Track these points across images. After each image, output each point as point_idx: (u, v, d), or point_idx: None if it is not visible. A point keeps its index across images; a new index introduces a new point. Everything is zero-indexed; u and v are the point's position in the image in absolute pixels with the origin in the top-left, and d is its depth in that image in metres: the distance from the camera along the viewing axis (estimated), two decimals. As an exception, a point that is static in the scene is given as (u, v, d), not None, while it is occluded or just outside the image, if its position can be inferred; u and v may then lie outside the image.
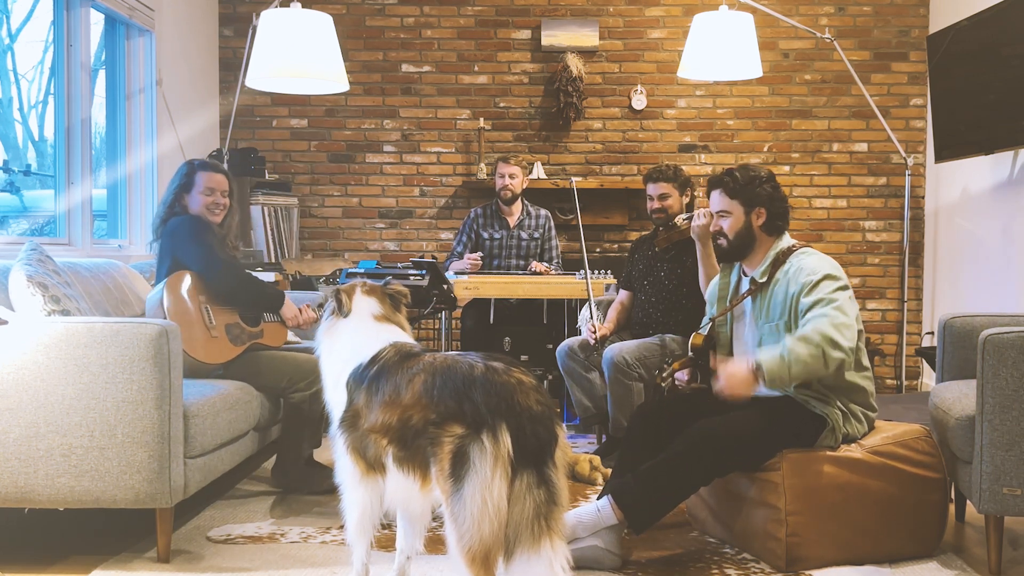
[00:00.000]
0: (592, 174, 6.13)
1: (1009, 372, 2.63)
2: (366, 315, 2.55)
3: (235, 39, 6.07)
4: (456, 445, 2.11)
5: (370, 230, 6.19)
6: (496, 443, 2.08)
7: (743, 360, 2.74)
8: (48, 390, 2.69)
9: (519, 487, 2.09)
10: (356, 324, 2.53)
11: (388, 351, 2.41)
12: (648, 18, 6.11)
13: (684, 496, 2.78)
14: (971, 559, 2.86)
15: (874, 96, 5.59)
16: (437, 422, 2.16)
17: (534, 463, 2.11)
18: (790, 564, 2.73)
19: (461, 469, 2.09)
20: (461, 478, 2.08)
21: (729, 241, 2.96)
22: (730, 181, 2.94)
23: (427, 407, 2.20)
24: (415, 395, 2.23)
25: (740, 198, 2.92)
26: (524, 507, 2.08)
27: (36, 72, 4.90)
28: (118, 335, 2.70)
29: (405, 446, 2.24)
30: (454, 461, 2.11)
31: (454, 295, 4.43)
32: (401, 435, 2.24)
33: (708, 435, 2.71)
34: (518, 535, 2.08)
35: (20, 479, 2.70)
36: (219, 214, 3.57)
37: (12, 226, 4.58)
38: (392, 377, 2.32)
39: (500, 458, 2.07)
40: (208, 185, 3.53)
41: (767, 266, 2.92)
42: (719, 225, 2.97)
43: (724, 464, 2.75)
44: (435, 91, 6.17)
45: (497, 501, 2.05)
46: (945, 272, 5.75)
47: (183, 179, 3.54)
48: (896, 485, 2.80)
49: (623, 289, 4.39)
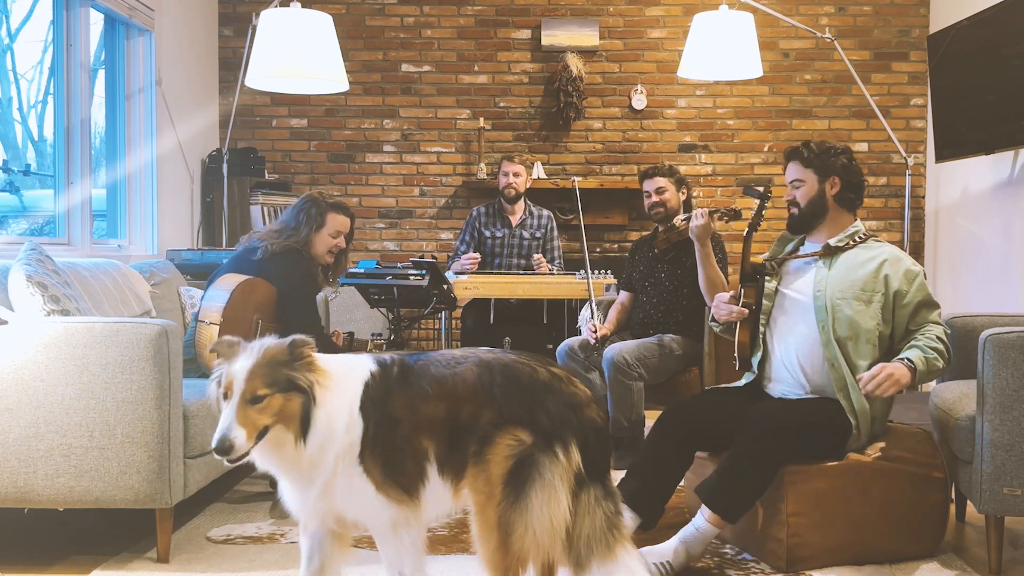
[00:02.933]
0: (592, 174, 6.13)
1: (1009, 372, 2.63)
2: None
3: (235, 39, 6.07)
4: (521, 451, 2.06)
5: (370, 230, 6.19)
6: (569, 457, 2.08)
7: (899, 363, 2.72)
8: (48, 390, 2.69)
9: (587, 500, 2.10)
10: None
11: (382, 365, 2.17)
12: (648, 18, 6.11)
13: (768, 484, 2.73)
14: (971, 559, 2.86)
15: (874, 96, 5.59)
16: (499, 423, 2.09)
17: (599, 476, 2.13)
18: (791, 565, 2.73)
19: (523, 477, 2.05)
20: (522, 487, 2.05)
21: (801, 209, 2.98)
22: (805, 151, 2.99)
23: (485, 404, 2.10)
24: (469, 387, 2.12)
25: (814, 167, 2.97)
26: (595, 519, 2.09)
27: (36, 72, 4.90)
28: (118, 335, 2.70)
29: (450, 444, 2.11)
30: (515, 468, 2.06)
31: (454, 295, 4.44)
32: (449, 432, 2.11)
33: (773, 422, 2.73)
34: (592, 547, 2.08)
35: (20, 479, 2.70)
36: (335, 254, 3.62)
37: (12, 226, 4.58)
38: (428, 371, 2.15)
39: (569, 472, 2.08)
40: (338, 228, 3.57)
41: (845, 236, 2.96)
42: (792, 195, 3.00)
43: (791, 450, 2.73)
44: (435, 91, 6.16)
45: (563, 514, 2.05)
46: (945, 272, 5.74)
47: (316, 217, 3.53)
48: (896, 485, 2.80)
49: (624, 290, 4.39)
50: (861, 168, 3.05)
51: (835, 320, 2.83)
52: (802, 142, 3.04)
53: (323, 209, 3.54)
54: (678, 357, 4.06)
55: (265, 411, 2.00)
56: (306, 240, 3.52)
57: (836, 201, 2.97)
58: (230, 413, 1.97)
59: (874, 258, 2.89)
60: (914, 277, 2.85)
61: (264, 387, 1.99)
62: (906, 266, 2.87)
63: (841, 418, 2.81)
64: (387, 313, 4.50)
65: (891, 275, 2.84)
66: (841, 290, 2.86)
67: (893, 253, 2.90)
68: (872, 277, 2.85)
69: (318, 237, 3.53)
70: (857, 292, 2.84)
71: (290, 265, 3.46)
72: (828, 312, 2.84)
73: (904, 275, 2.85)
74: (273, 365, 2.02)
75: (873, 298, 2.84)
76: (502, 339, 5.05)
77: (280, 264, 3.44)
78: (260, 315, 3.39)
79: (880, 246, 2.95)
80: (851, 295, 2.84)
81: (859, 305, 2.83)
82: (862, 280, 2.85)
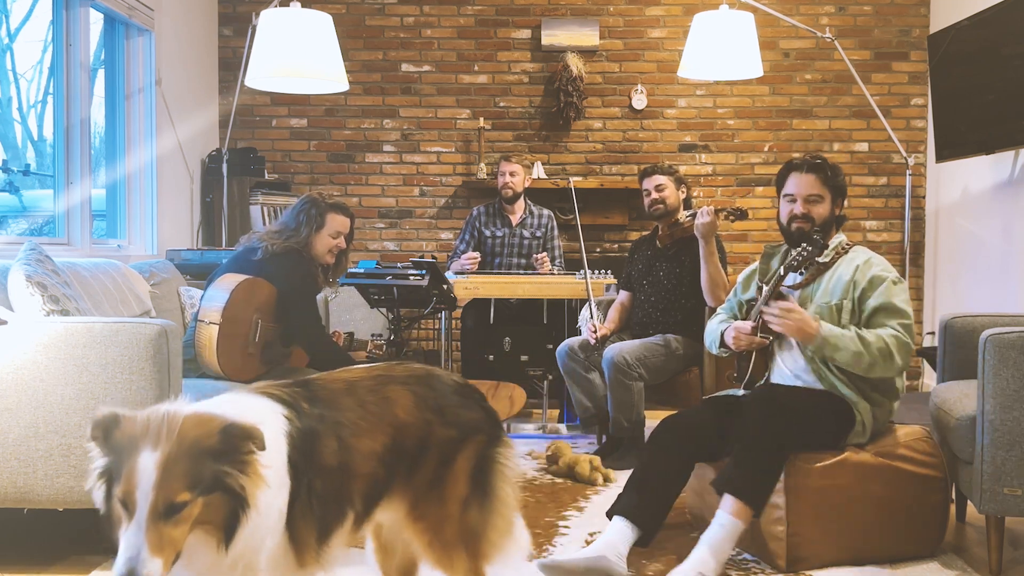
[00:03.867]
0: (592, 174, 6.13)
1: (1010, 372, 2.63)
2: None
3: (235, 39, 6.07)
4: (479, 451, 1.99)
5: (370, 230, 6.18)
6: (507, 439, 2.09)
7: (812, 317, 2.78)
8: (48, 390, 2.69)
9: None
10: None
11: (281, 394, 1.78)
12: (648, 17, 6.11)
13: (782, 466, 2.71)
14: (972, 559, 2.86)
15: (875, 96, 5.59)
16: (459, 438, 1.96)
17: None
18: (791, 564, 2.73)
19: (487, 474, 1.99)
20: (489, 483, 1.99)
21: (814, 226, 2.92)
22: (827, 168, 2.92)
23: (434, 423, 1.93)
24: (408, 409, 1.90)
25: (831, 186, 2.93)
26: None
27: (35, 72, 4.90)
28: (117, 335, 2.70)
29: (387, 477, 1.86)
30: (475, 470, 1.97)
31: (454, 295, 4.44)
32: (387, 465, 1.85)
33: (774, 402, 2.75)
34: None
35: (20, 479, 2.70)
36: (335, 254, 3.62)
37: (11, 226, 4.58)
38: (346, 401, 1.83)
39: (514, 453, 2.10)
40: (337, 229, 3.57)
41: (831, 251, 2.93)
42: (806, 208, 2.92)
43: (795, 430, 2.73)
44: (435, 91, 6.16)
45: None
46: (946, 272, 5.74)
47: (316, 218, 3.53)
48: (897, 485, 2.80)
49: (623, 290, 4.39)
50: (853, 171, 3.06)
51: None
52: (814, 155, 2.97)
53: (323, 210, 3.54)
54: (678, 357, 4.05)
55: (184, 524, 1.48)
56: (306, 241, 3.52)
57: (836, 220, 2.97)
58: (137, 535, 1.42)
59: (848, 270, 2.89)
60: (879, 283, 2.82)
61: (184, 490, 1.46)
62: (873, 272, 2.85)
63: (843, 405, 2.82)
64: (387, 313, 4.51)
65: (859, 280, 2.85)
66: (834, 301, 2.87)
67: (867, 259, 2.89)
68: (845, 287, 2.87)
69: (318, 238, 3.54)
70: (845, 301, 2.85)
71: (290, 265, 3.46)
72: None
73: (870, 281, 2.84)
74: (196, 456, 1.49)
75: (844, 306, 2.86)
76: (502, 339, 5.05)
77: (281, 264, 3.44)
78: (260, 315, 3.39)
79: (857, 253, 2.93)
80: (844, 303, 2.85)
81: (835, 315, 2.85)
82: (844, 286, 2.87)
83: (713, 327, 3.16)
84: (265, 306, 3.41)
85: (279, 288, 3.42)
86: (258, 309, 3.38)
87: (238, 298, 3.29)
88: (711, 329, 3.17)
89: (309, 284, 3.52)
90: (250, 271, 3.41)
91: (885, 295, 2.81)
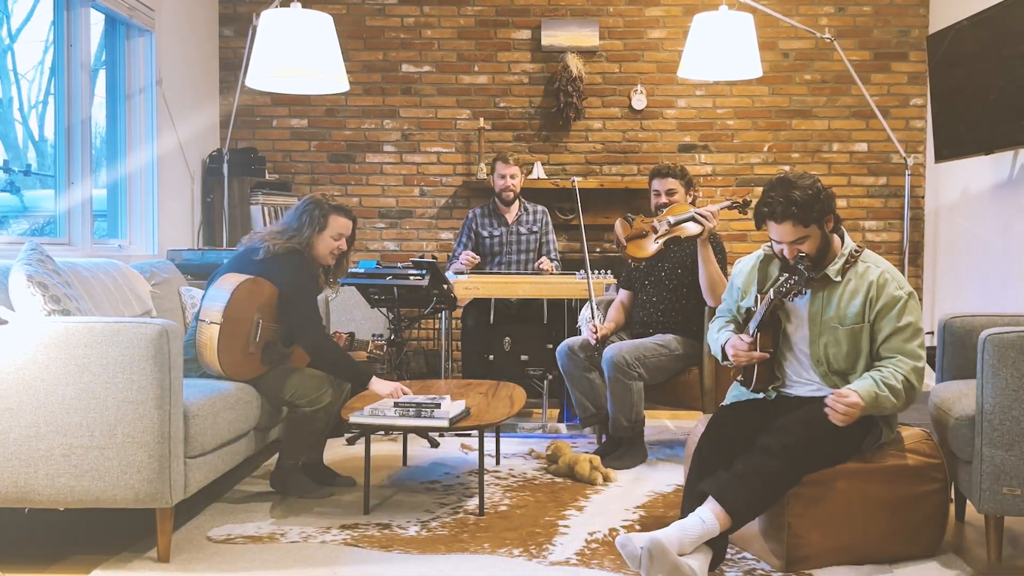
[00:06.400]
0: (592, 174, 6.13)
1: (1009, 372, 2.63)
2: None
3: (235, 39, 6.08)
4: None
5: (370, 230, 6.19)
6: None
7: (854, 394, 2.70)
8: (48, 390, 2.69)
9: None
10: None
11: None
12: (648, 18, 6.12)
13: (780, 496, 2.71)
14: (971, 559, 2.86)
15: (874, 96, 5.59)
16: None
17: None
18: (791, 565, 2.73)
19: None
20: None
21: (812, 258, 2.84)
22: (798, 211, 2.76)
23: None
24: None
25: (813, 219, 2.79)
26: None
27: (36, 72, 4.90)
28: (118, 335, 2.70)
29: None
30: None
31: (454, 295, 4.45)
32: None
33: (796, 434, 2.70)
34: None
35: (20, 479, 2.70)
36: (336, 256, 3.62)
37: (12, 226, 4.58)
38: None
39: None
40: (339, 231, 3.58)
41: (840, 266, 2.87)
42: (797, 250, 2.82)
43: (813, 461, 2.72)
44: (435, 91, 6.17)
45: None
46: (945, 272, 5.75)
47: (318, 219, 3.53)
48: (896, 485, 2.80)
49: (623, 289, 4.39)
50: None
51: (828, 358, 2.84)
52: (780, 197, 2.78)
53: (326, 211, 3.54)
54: (678, 357, 4.06)
55: None
56: (308, 241, 3.52)
57: (832, 232, 2.92)
58: None
59: (860, 287, 2.84)
60: (895, 303, 2.79)
61: None
62: (890, 292, 2.81)
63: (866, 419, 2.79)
64: (387, 313, 4.51)
65: (873, 299, 2.82)
66: (847, 325, 2.83)
67: (882, 276, 2.84)
68: (860, 309, 2.82)
69: (320, 239, 3.54)
70: (862, 325, 2.82)
71: (292, 266, 3.46)
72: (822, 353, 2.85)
73: (885, 304, 2.80)
74: None
75: (862, 330, 2.83)
76: (502, 339, 5.06)
77: (282, 264, 3.45)
78: (261, 315, 3.39)
79: (868, 268, 2.87)
80: (857, 328, 2.82)
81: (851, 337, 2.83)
82: (853, 316, 2.83)
83: (714, 336, 3.15)
84: (266, 306, 3.41)
85: (280, 288, 3.43)
86: (259, 309, 3.39)
87: (239, 298, 3.30)
88: (712, 338, 3.16)
89: (310, 284, 3.52)
90: (251, 271, 3.41)
91: (901, 316, 2.78)
